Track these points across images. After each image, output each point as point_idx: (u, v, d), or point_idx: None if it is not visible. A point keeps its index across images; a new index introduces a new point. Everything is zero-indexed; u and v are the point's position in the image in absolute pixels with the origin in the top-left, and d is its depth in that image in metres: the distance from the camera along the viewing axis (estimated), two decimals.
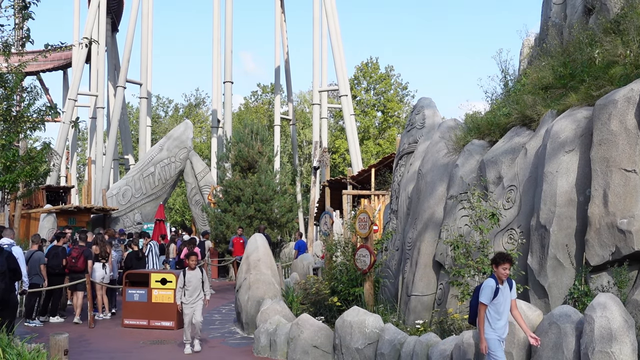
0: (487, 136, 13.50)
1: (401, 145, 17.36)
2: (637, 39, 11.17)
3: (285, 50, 57.31)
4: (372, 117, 66.15)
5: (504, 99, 14.69)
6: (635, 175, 9.40)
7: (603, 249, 9.54)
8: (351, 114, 48.25)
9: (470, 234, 11.37)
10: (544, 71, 13.55)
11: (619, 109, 9.77)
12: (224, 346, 13.44)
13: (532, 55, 16.67)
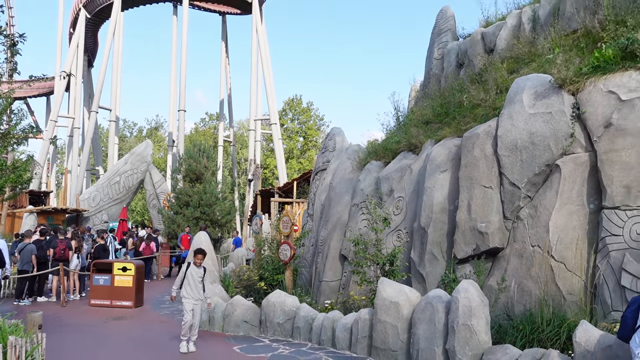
0: (383, 158, 13.67)
1: (317, 163, 17.41)
2: (494, 87, 11.54)
3: (229, 86, 57.05)
4: (296, 141, 66.18)
5: (396, 130, 14.93)
6: (491, 190, 9.66)
7: (467, 246, 9.75)
8: (279, 138, 48.59)
9: (367, 234, 11.46)
10: (426, 110, 13.85)
11: (480, 140, 10.05)
12: (173, 321, 13.10)
13: (417, 97, 17.02)
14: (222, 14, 56.15)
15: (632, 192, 7.99)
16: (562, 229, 8.59)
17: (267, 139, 63.82)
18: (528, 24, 13.09)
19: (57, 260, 15.75)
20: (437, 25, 16.95)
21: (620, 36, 9.16)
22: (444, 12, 16.81)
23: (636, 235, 7.77)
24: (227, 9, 54.68)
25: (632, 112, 8.24)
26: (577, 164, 8.79)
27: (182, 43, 47.19)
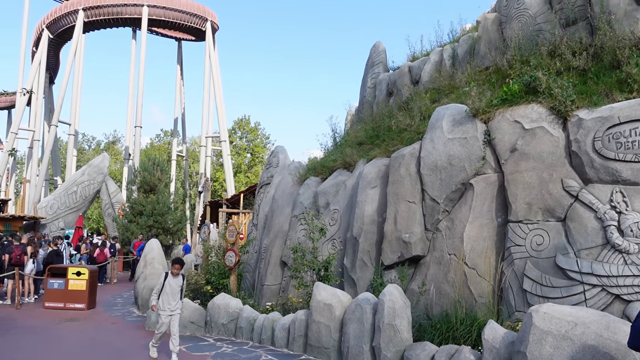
0: (321, 174, 13.75)
1: (262, 178, 17.32)
2: (419, 114, 11.83)
3: (182, 106, 56.11)
4: (244, 157, 65.59)
5: (333, 150, 15.06)
6: (415, 205, 9.87)
7: (393, 254, 9.91)
8: (228, 154, 48.12)
9: (305, 242, 11.47)
10: (360, 132, 14.04)
11: (406, 160, 10.28)
12: (124, 322, 12.68)
13: (352, 121, 17.24)
14: (178, 40, 55.34)
15: (533, 208, 8.34)
16: (474, 240, 8.87)
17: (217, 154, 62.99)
18: (448, 60, 13.53)
19: (12, 265, 15.01)
20: (371, 57, 17.29)
21: (525, 74, 9.59)
22: (377, 46, 17.17)
23: (536, 246, 8.10)
24: (183, 35, 53.95)
25: (533, 139, 8.63)
26: (487, 183, 9.11)
27: (139, 64, 46.23)
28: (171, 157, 54.62)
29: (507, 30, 11.62)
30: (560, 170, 8.26)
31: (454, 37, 15.00)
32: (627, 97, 8.25)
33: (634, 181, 7.58)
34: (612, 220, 7.47)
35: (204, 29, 50.25)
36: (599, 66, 9.29)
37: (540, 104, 8.94)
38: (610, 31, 9.38)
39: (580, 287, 7.45)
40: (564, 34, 10.14)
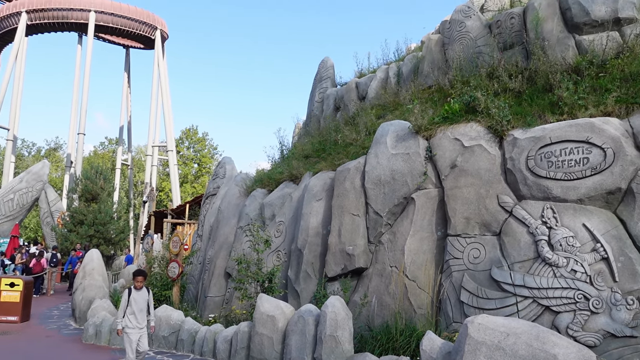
0: (267, 186, 13.71)
1: (208, 189, 17.10)
2: (364, 130, 12.01)
3: (129, 114, 54.81)
4: (191, 168, 64.55)
5: (280, 162, 15.05)
6: (359, 218, 9.99)
7: (337, 266, 9.97)
8: (175, 164, 47.29)
9: (250, 254, 11.37)
10: (307, 145, 14.11)
11: (351, 174, 10.40)
12: (59, 335, 12.16)
13: (300, 134, 17.31)
14: (126, 47, 54.11)
15: (470, 222, 8.60)
16: (415, 253, 9.05)
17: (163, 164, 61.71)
18: (394, 78, 13.84)
19: None
20: (319, 72, 17.46)
21: (465, 94, 9.93)
22: (325, 62, 17.37)
23: (473, 259, 8.35)
24: (131, 43, 52.82)
25: (472, 156, 8.93)
26: (428, 197, 9.34)
27: (85, 70, 44.87)
28: (115, 166, 53.13)
29: (450, 52, 12.01)
30: (496, 187, 8.57)
31: (400, 56, 15.37)
32: (558, 119, 8.66)
33: (563, 198, 7.95)
34: (543, 235, 7.80)
35: (153, 37, 49.40)
36: (533, 89, 9.73)
37: (479, 123, 9.26)
38: (544, 56, 9.86)
39: (513, 299, 7.72)
40: (501, 57, 10.58)
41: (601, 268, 7.42)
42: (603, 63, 9.35)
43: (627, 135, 7.97)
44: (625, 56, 9.18)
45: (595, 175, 7.81)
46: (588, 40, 9.80)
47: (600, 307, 7.21)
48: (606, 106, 8.43)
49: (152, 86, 50.08)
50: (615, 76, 8.90)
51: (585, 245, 7.57)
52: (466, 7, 12.13)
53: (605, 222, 7.67)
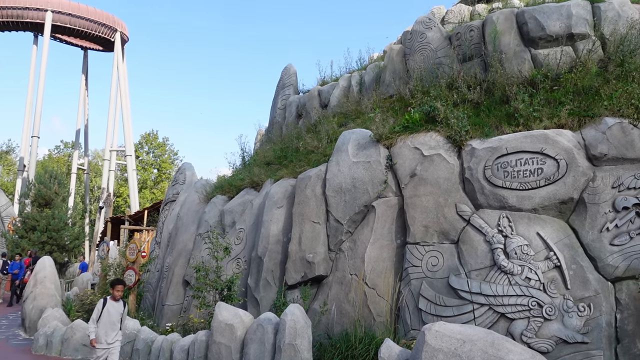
0: (228, 193, 13.57)
1: (167, 195, 16.82)
2: (326, 137, 12.04)
3: (86, 117, 53.55)
4: (150, 173, 63.36)
5: (242, 169, 14.94)
6: (319, 226, 9.99)
7: (297, 273, 9.93)
8: (133, 169, 46.45)
9: (209, 261, 11.21)
10: (268, 152, 14.05)
11: (312, 182, 10.40)
12: (7, 346, 11.68)
13: (262, 141, 17.23)
14: (84, 49, 52.88)
15: (429, 231, 8.72)
16: (375, 260, 9.10)
17: (121, 169, 60.45)
18: (356, 87, 13.96)
19: None
20: (282, 79, 17.45)
21: (425, 104, 10.09)
22: (288, 69, 17.38)
23: (431, 267, 8.46)
24: (90, 44, 51.65)
25: (431, 165, 9.06)
26: (388, 205, 9.42)
27: (40, 71, 43.67)
28: (71, 170, 51.66)
29: (411, 62, 12.19)
30: (454, 196, 8.72)
31: (362, 65, 15.52)
32: (514, 130, 8.89)
33: (518, 207, 8.15)
34: (499, 243, 7.97)
35: (113, 39, 48.48)
36: (491, 100, 9.97)
37: (438, 133, 9.42)
38: (501, 69, 10.12)
39: (470, 306, 7.85)
40: (461, 69, 10.82)
41: (554, 276, 7.62)
42: (557, 77, 9.67)
43: (580, 147, 8.25)
44: (578, 70, 9.51)
45: (549, 185, 8.04)
46: (543, 54, 10.12)
47: (553, 314, 7.40)
48: (560, 118, 8.70)
49: (111, 89, 49.15)
50: (568, 89, 9.21)
51: (539, 254, 7.77)
52: (427, 19, 12.35)
53: (558, 231, 7.90)
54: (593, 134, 8.28)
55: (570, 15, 10.07)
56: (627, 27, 9.79)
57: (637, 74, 8.96)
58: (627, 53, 9.41)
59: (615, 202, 7.79)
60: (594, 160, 8.16)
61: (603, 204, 7.84)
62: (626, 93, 8.48)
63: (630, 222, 7.67)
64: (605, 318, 7.30)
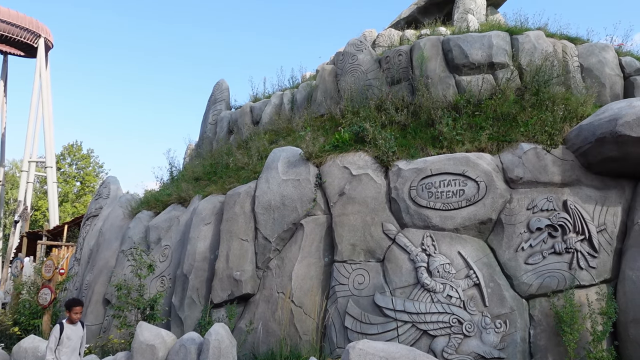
0: (154, 208, 13.20)
1: (90, 209, 16.14)
2: (257, 154, 12.00)
3: (3, 125, 50.54)
4: (72, 186, 60.55)
5: (169, 184, 14.60)
6: (247, 243, 9.90)
7: (223, 292, 9.77)
8: (54, 182, 44.24)
9: (132, 279, 10.82)
10: (198, 168, 13.83)
11: (241, 198, 10.32)
12: None
13: (192, 156, 16.94)
14: (4, 54, 50.12)
15: (356, 249, 8.85)
16: (302, 278, 9.12)
17: (41, 181, 57.45)
18: (288, 104, 14.05)
19: None
20: (214, 94, 17.29)
21: (355, 124, 10.31)
22: (220, 84, 17.26)
23: (358, 285, 8.57)
24: (10, 49, 49.01)
25: (359, 184, 9.24)
26: (317, 224, 9.49)
27: None
28: None
29: (342, 82, 12.44)
30: (381, 215, 8.92)
31: (294, 83, 15.66)
32: (438, 152, 9.25)
33: (441, 227, 8.45)
34: (423, 262, 8.21)
35: (36, 45, 46.33)
36: (417, 123, 10.33)
37: (367, 153, 9.64)
38: (427, 93, 10.53)
39: (394, 324, 8.01)
40: (389, 91, 11.15)
41: (473, 293, 7.93)
42: (479, 102, 10.17)
43: (498, 170, 8.68)
44: (497, 97, 10.05)
45: (470, 206, 8.40)
46: (466, 80, 10.62)
47: (472, 331, 7.68)
48: (480, 142, 9.14)
49: (32, 97, 46.78)
50: (488, 115, 9.71)
51: (460, 272, 8.07)
52: (358, 41, 12.67)
53: (478, 250, 8.25)
54: (510, 158, 8.75)
55: (491, 45, 10.65)
56: (542, 59, 10.47)
57: (551, 103, 9.59)
58: (541, 83, 10.04)
59: (530, 223, 8.24)
60: (510, 183, 8.62)
61: (519, 225, 8.27)
62: (540, 120, 9.06)
63: (543, 242, 8.13)
64: (520, 334, 7.66)
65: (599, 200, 8.34)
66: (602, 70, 11.24)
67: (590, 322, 7.51)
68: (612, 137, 7.83)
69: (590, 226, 8.14)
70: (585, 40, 12.19)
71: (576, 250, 8.02)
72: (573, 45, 11.68)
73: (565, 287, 7.83)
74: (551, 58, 10.66)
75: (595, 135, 8.07)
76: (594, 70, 11.25)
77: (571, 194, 8.41)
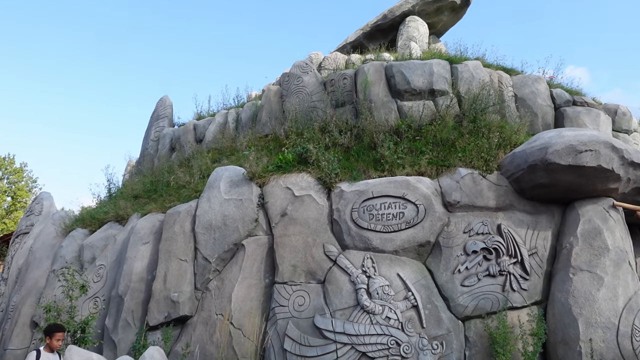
0: (89, 226, 12.70)
1: (20, 226, 15.36)
2: (199, 173, 11.83)
3: None
4: (3, 201, 57.67)
5: (107, 201, 14.14)
6: (186, 263, 9.68)
7: (160, 314, 9.47)
8: None
9: (63, 300, 10.34)
10: (137, 185, 13.47)
11: (181, 217, 10.11)
12: None
13: (132, 173, 16.51)
14: None
15: (297, 270, 8.83)
16: (242, 300, 8.98)
17: None
18: (233, 123, 13.97)
19: None
20: (157, 110, 16.99)
21: (298, 145, 10.36)
22: (164, 100, 16.99)
23: (298, 306, 8.53)
24: None
25: (301, 205, 9.26)
26: (258, 244, 9.41)
27: None
28: None
29: (287, 104, 12.51)
30: (323, 236, 8.95)
31: (240, 102, 15.61)
32: (380, 175, 9.42)
33: (381, 249, 8.56)
34: (363, 283, 8.28)
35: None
36: (360, 145, 10.50)
37: (310, 174, 9.69)
38: (370, 117, 10.75)
39: (334, 346, 8.00)
40: (334, 114, 11.31)
41: (411, 315, 8.05)
42: (419, 127, 10.46)
43: (437, 193, 8.92)
44: (437, 123, 10.37)
45: (409, 228, 8.57)
46: (408, 106, 10.92)
47: (409, 352, 7.77)
48: (420, 166, 9.38)
49: None
50: (428, 140, 10.00)
51: (399, 294, 8.18)
52: (304, 63, 12.82)
53: (416, 272, 8.40)
54: (448, 183, 9.01)
55: (432, 73, 11.02)
56: (480, 88, 10.92)
57: (487, 130, 9.98)
58: (479, 111, 10.46)
59: (466, 246, 8.49)
60: (448, 207, 8.86)
61: (456, 248, 8.50)
62: (477, 147, 9.41)
63: (479, 265, 8.39)
64: (455, 355, 7.81)
65: (530, 225, 8.71)
66: (535, 100, 11.84)
67: (522, 342, 7.77)
68: (542, 164, 8.22)
69: (523, 249, 8.46)
70: (519, 72, 12.82)
71: (509, 273, 8.32)
72: (508, 76, 12.26)
73: (499, 309, 8.08)
74: (488, 87, 11.13)
75: (528, 163, 8.44)
76: (527, 100, 11.83)
77: (505, 218, 8.73)
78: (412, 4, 15.87)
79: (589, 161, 8.00)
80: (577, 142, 8.09)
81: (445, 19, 16.74)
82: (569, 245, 8.28)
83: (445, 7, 16.23)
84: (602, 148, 8.05)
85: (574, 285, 7.92)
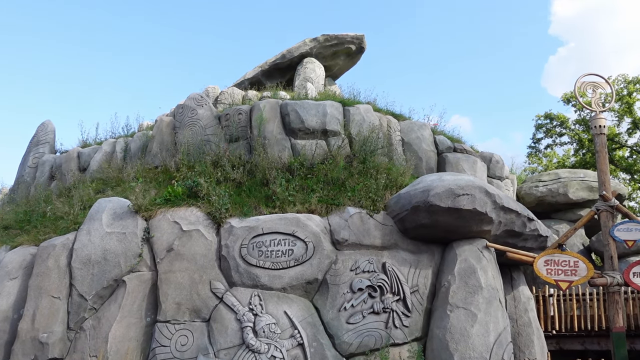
0: None
1: None
2: (80, 203, 11.09)
3: None
4: None
5: None
6: (60, 301, 8.97)
7: (25, 356, 8.65)
8: None
9: None
10: (9, 215, 12.39)
11: (56, 251, 9.42)
12: None
13: (4, 201, 15.17)
14: None
15: (182, 308, 8.51)
16: (120, 340, 8.47)
17: None
18: (121, 153, 13.38)
19: None
20: (37, 135, 15.87)
21: (189, 178, 10.14)
22: (46, 125, 15.93)
23: (180, 346, 8.19)
24: None
25: (189, 240, 9.01)
26: (141, 280, 8.98)
27: None
28: None
29: (180, 136, 12.24)
30: (210, 273, 8.74)
31: (129, 132, 15.00)
32: (271, 212, 9.43)
33: (270, 286, 8.52)
34: (249, 321, 8.15)
35: None
36: (252, 181, 10.49)
37: (199, 208, 9.49)
38: (264, 153, 10.81)
39: None
40: (227, 148, 11.24)
41: (297, 353, 8.03)
42: (311, 166, 10.68)
43: (326, 231, 9.09)
44: (329, 163, 10.66)
45: (298, 266, 8.63)
46: (301, 144, 11.13)
47: None
48: (311, 204, 9.54)
49: None
50: (320, 179, 10.22)
51: (285, 332, 8.14)
52: (199, 96, 12.68)
53: (303, 310, 8.43)
54: (337, 221, 9.23)
55: (325, 114, 11.37)
56: (370, 131, 11.41)
57: (375, 171, 10.40)
58: (368, 153, 10.90)
59: (352, 284, 8.67)
60: (337, 245, 9.05)
61: (342, 285, 8.66)
62: (365, 187, 9.76)
63: (364, 302, 8.58)
64: None
65: (413, 263, 9.10)
66: (420, 145, 12.57)
67: None
68: (425, 206, 8.68)
69: (405, 287, 8.80)
70: (407, 118, 13.59)
71: (392, 310, 8.59)
72: (396, 121, 12.95)
73: (382, 346, 8.29)
74: (377, 130, 11.67)
75: (411, 204, 8.88)
76: (413, 145, 12.53)
77: (390, 257, 9.06)
78: (310, 47, 16.36)
79: (465, 204, 8.57)
80: (456, 186, 8.67)
81: (341, 63, 17.42)
82: (447, 283, 8.74)
83: (341, 52, 16.91)
84: (477, 192, 8.67)
85: (450, 322, 8.33)
